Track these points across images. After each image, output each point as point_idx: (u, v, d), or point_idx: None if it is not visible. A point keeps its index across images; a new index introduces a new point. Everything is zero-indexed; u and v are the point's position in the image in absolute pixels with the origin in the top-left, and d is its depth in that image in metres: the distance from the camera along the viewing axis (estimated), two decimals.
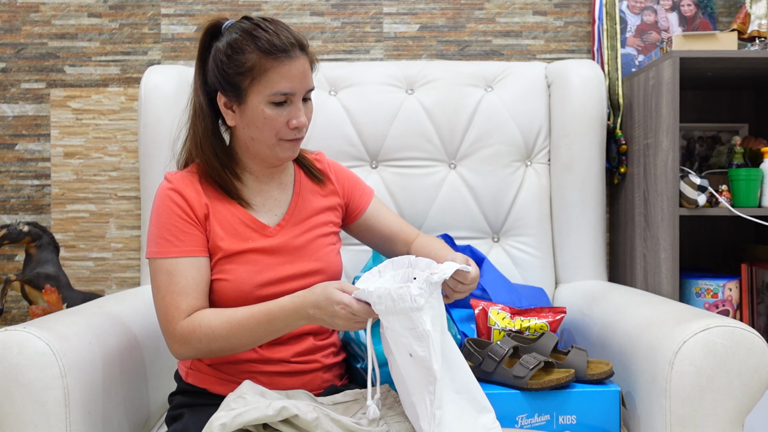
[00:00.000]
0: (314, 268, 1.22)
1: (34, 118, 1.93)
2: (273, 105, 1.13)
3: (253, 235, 1.20)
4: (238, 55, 1.12)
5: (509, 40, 1.96)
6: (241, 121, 1.16)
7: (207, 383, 1.20)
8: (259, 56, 1.11)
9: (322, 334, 1.27)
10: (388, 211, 1.38)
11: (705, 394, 1.08)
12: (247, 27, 1.14)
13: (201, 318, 1.11)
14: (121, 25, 1.93)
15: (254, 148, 1.18)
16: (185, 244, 1.14)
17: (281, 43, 1.11)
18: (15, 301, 1.94)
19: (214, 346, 1.10)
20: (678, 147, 1.54)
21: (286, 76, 1.12)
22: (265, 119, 1.13)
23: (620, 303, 1.41)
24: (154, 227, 1.16)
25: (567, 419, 1.16)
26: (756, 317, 1.72)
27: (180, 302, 1.11)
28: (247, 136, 1.17)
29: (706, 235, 1.94)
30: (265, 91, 1.12)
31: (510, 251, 1.74)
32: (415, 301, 0.95)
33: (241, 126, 1.16)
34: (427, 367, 0.98)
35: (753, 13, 1.69)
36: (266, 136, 1.15)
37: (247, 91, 1.13)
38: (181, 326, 1.10)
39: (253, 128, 1.15)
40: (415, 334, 0.97)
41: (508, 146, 1.74)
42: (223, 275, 1.17)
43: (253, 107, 1.13)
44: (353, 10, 1.95)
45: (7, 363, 1.04)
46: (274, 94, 1.12)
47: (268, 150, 1.17)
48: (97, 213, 1.93)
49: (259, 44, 1.11)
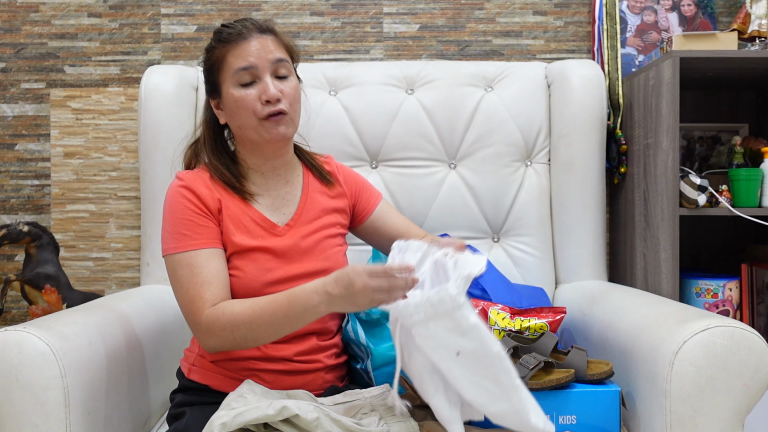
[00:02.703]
0: (321, 267, 1.23)
1: (34, 118, 1.93)
2: (240, 87, 1.17)
3: (262, 233, 1.21)
4: (208, 54, 1.22)
5: (509, 40, 1.96)
6: (227, 115, 1.22)
7: (209, 380, 1.21)
8: (220, 48, 1.19)
9: (326, 335, 1.27)
10: (396, 214, 1.40)
11: (705, 394, 1.08)
12: (217, 30, 1.22)
13: (225, 306, 1.11)
14: (121, 25, 1.93)
15: (245, 136, 1.21)
16: (203, 237, 1.16)
17: (236, 30, 1.18)
18: (15, 301, 1.94)
19: (238, 333, 1.09)
20: (678, 147, 1.54)
21: (242, 55, 1.17)
22: (236, 101, 1.17)
23: (620, 303, 1.41)
24: (169, 224, 1.18)
25: (567, 419, 1.16)
26: (756, 317, 1.72)
27: (204, 293, 1.12)
28: (235, 127, 1.21)
29: (706, 235, 1.94)
30: (228, 74, 1.18)
31: (510, 251, 1.74)
32: (455, 301, 0.94)
33: (228, 120, 1.22)
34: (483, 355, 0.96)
35: (753, 13, 1.69)
36: (246, 119, 1.18)
37: (219, 83, 1.20)
38: (207, 316, 1.10)
39: (235, 116, 1.19)
40: (461, 331, 0.95)
41: (508, 146, 1.74)
42: (234, 271, 1.19)
43: (227, 96, 1.19)
44: (353, 10, 1.95)
45: (7, 363, 1.04)
46: (236, 73, 1.17)
47: (255, 133, 1.19)
48: (97, 213, 1.93)
49: (220, 37, 1.19)
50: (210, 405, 1.14)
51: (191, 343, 1.28)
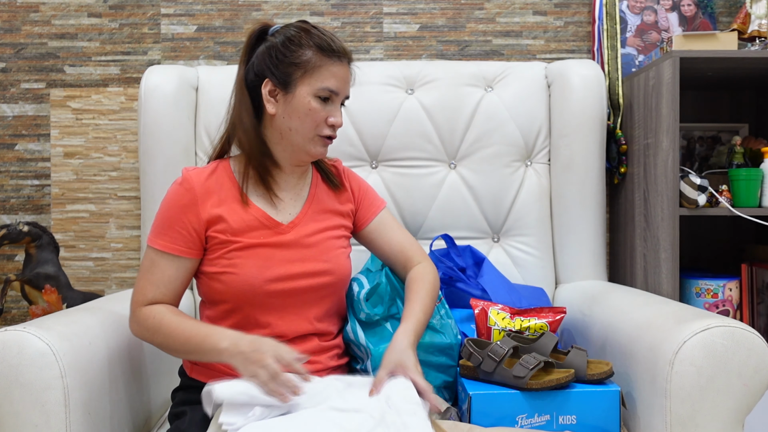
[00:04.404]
0: (323, 268, 1.24)
1: (33, 118, 1.93)
2: (318, 99, 1.20)
3: (265, 231, 1.22)
4: (295, 47, 1.19)
5: (509, 40, 1.96)
6: (284, 110, 1.21)
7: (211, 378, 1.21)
8: (314, 52, 1.19)
9: (327, 336, 1.28)
10: (395, 229, 1.37)
11: (705, 394, 1.08)
12: (304, 27, 1.22)
13: (158, 310, 1.19)
14: (121, 25, 1.93)
15: (290, 138, 1.22)
16: (174, 242, 1.19)
17: (336, 47, 1.20)
18: (15, 301, 1.94)
19: (156, 339, 1.18)
20: (678, 147, 1.54)
21: (336, 76, 1.20)
22: (309, 110, 1.19)
23: (620, 303, 1.41)
24: (158, 215, 1.23)
25: (567, 419, 1.16)
26: (756, 317, 1.72)
27: (148, 291, 1.20)
28: (286, 126, 1.21)
29: (706, 235, 1.94)
30: (315, 84, 1.19)
31: (510, 251, 1.74)
32: None
33: (283, 115, 1.21)
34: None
35: (753, 13, 1.69)
36: (306, 128, 1.20)
37: (297, 82, 1.19)
38: (141, 311, 1.20)
39: (295, 118, 1.20)
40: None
41: (508, 146, 1.74)
42: (232, 269, 1.19)
43: (300, 98, 1.19)
44: (353, 10, 1.95)
45: (6, 363, 1.04)
46: (322, 89, 1.19)
47: (303, 142, 1.22)
48: (97, 213, 1.93)
49: (316, 41, 1.19)
50: None
51: None
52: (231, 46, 1.94)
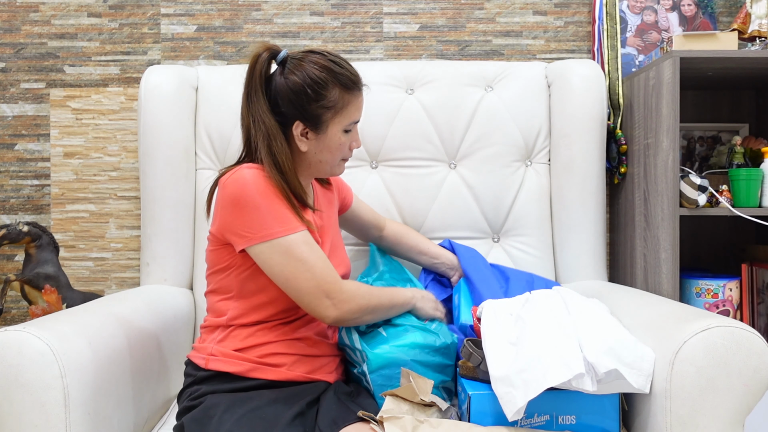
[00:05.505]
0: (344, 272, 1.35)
1: (33, 118, 1.93)
2: (345, 132, 1.27)
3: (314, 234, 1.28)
4: (323, 90, 1.22)
5: (509, 40, 1.96)
6: (316, 147, 1.27)
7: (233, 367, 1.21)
8: (341, 91, 1.24)
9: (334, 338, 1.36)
10: (363, 204, 1.59)
11: (705, 394, 1.08)
12: (325, 64, 1.23)
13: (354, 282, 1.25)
14: (121, 25, 1.93)
15: (318, 168, 1.30)
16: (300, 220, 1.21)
17: (357, 80, 1.26)
18: (15, 301, 1.94)
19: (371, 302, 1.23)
20: (678, 147, 1.54)
21: (360, 107, 1.28)
22: (340, 145, 1.27)
23: (620, 303, 1.40)
24: (266, 209, 1.17)
25: (567, 419, 1.16)
26: (756, 317, 1.72)
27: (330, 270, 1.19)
28: (316, 159, 1.28)
29: (706, 235, 1.94)
30: (344, 121, 1.26)
31: (510, 251, 1.74)
32: None
33: (314, 151, 1.27)
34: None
35: (753, 13, 1.69)
36: (334, 158, 1.29)
37: (329, 122, 1.25)
38: (346, 283, 1.20)
39: (327, 152, 1.28)
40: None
41: (508, 146, 1.74)
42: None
43: (331, 135, 1.26)
44: (353, 10, 1.95)
45: (6, 363, 1.04)
46: (350, 124, 1.27)
47: (330, 169, 1.31)
48: (96, 213, 1.93)
49: (341, 80, 1.24)
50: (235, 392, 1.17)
51: (203, 334, 1.28)
52: (231, 46, 1.94)
